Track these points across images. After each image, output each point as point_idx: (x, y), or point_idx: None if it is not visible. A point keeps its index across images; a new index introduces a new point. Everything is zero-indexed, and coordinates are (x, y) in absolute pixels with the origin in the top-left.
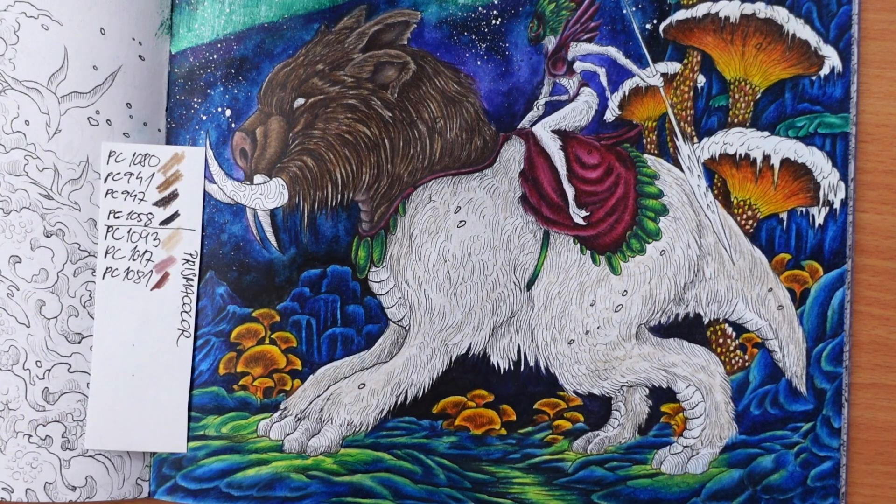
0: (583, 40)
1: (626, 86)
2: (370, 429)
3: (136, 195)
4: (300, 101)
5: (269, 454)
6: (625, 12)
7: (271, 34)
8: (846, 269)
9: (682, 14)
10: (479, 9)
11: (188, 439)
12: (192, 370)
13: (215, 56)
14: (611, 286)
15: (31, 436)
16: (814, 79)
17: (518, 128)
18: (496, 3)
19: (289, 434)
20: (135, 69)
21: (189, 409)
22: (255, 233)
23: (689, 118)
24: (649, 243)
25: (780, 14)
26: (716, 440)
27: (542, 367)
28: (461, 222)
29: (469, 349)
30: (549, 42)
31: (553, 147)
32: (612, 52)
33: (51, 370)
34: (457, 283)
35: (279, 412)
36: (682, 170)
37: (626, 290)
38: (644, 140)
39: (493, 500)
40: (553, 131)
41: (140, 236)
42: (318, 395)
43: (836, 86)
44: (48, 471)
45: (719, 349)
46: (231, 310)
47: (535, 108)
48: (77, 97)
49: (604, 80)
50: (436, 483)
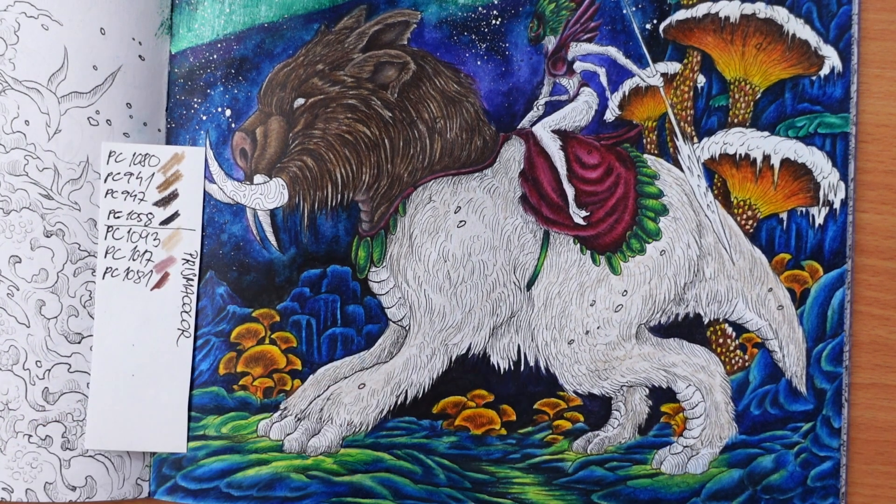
0: (583, 40)
1: (626, 86)
2: (370, 429)
3: (136, 195)
4: (300, 101)
5: (269, 454)
6: (625, 12)
7: (271, 34)
8: (846, 269)
9: (682, 14)
10: (479, 9)
11: (188, 439)
12: (192, 370)
13: (215, 56)
14: (611, 286)
15: (31, 436)
16: (814, 79)
17: (518, 128)
18: (496, 3)
19: (289, 434)
20: (135, 69)
21: (189, 409)
22: (255, 233)
23: (689, 118)
24: (649, 243)
25: (780, 14)
26: (716, 440)
27: (542, 367)
28: (461, 222)
29: (469, 349)
30: (549, 42)
31: (553, 147)
32: (612, 52)
33: (51, 370)
34: (457, 283)
35: (279, 412)
36: (682, 170)
37: (626, 290)
38: (644, 140)
39: (493, 500)
40: (553, 131)
41: (140, 236)
42: (318, 395)
43: (836, 86)
44: (48, 471)
45: (719, 349)
46: (231, 310)
47: (535, 108)
48: (77, 97)
49: (604, 80)
50: (436, 483)
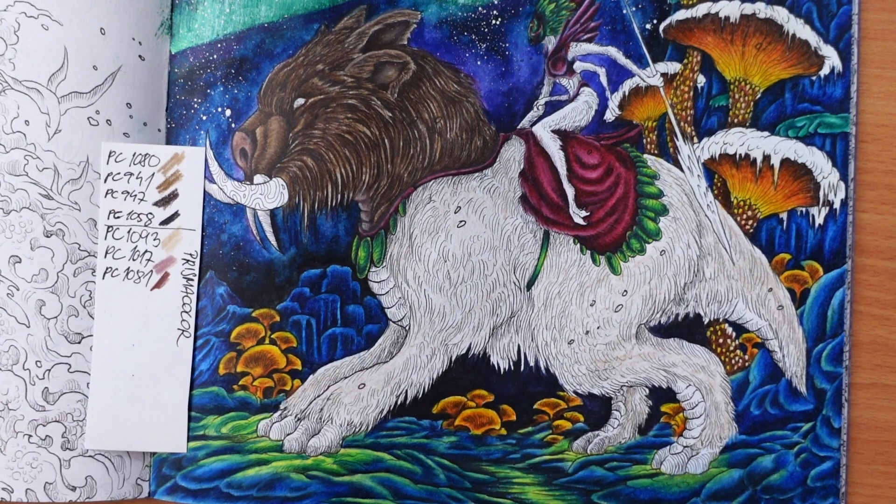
0: (583, 40)
1: (626, 86)
2: (370, 429)
3: (136, 195)
4: (300, 101)
5: (269, 454)
6: (625, 12)
7: (271, 34)
8: (846, 269)
9: (682, 14)
10: (479, 9)
11: (188, 439)
12: (192, 370)
13: (215, 56)
14: (611, 286)
15: (31, 436)
16: (814, 79)
17: (518, 128)
18: (496, 3)
19: (289, 434)
20: (135, 69)
21: (189, 409)
22: (255, 233)
23: (689, 118)
24: (649, 243)
25: (780, 14)
26: (716, 440)
27: (542, 367)
28: (461, 222)
29: (469, 349)
30: (549, 42)
31: (553, 147)
32: (612, 52)
33: (51, 370)
34: (457, 283)
35: (279, 412)
36: (682, 170)
37: (626, 290)
38: (644, 140)
39: (493, 500)
40: (553, 131)
41: (140, 236)
42: (318, 395)
43: (836, 86)
44: (48, 471)
45: (719, 349)
46: (231, 310)
47: (535, 108)
48: (77, 97)
49: (604, 80)
50: (436, 483)
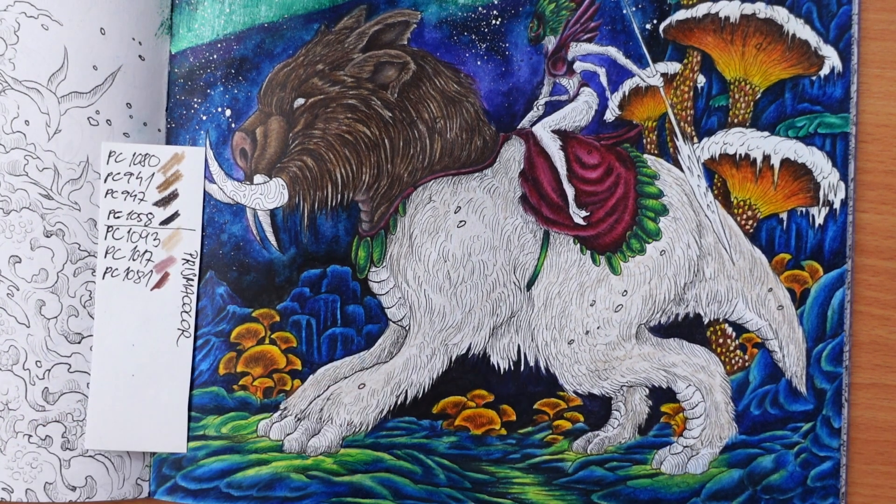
0: (583, 40)
1: (626, 86)
2: (370, 429)
3: (136, 195)
4: (300, 101)
5: (269, 454)
6: (625, 12)
7: (271, 34)
8: (846, 269)
9: (682, 14)
10: (479, 9)
11: (188, 439)
12: (192, 370)
13: (215, 56)
14: (611, 286)
15: (31, 436)
16: (814, 79)
17: (518, 128)
18: (496, 3)
19: (289, 434)
20: (135, 69)
21: (189, 409)
22: (255, 233)
23: (689, 118)
24: (649, 243)
25: (780, 14)
26: (716, 440)
27: (542, 367)
28: (461, 222)
29: (469, 349)
30: (549, 42)
31: (553, 147)
32: (612, 52)
33: (51, 370)
34: (457, 283)
35: (279, 412)
36: (682, 170)
37: (626, 290)
38: (644, 140)
39: (493, 500)
40: (553, 131)
41: (140, 236)
42: (318, 395)
43: (836, 86)
44: (48, 471)
45: (719, 349)
46: (231, 310)
47: (535, 108)
48: (77, 97)
49: (604, 80)
50: (436, 483)
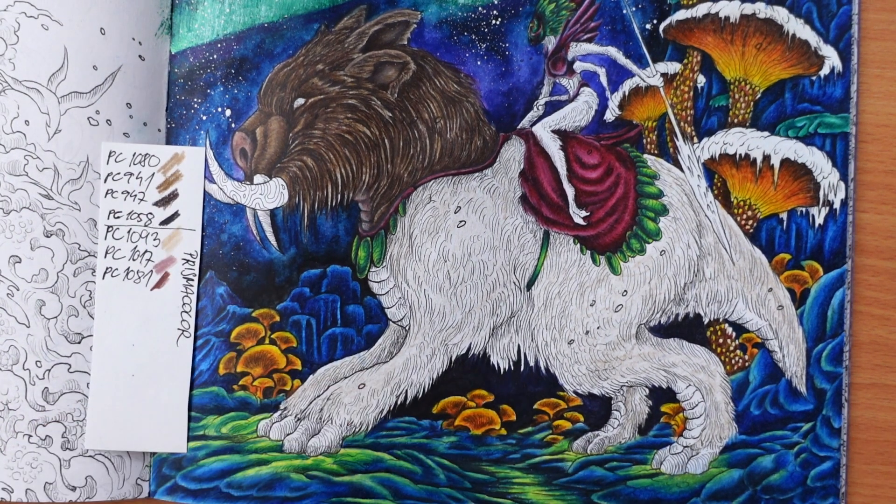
0: (583, 40)
1: (626, 86)
2: (370, 429)
3: (136, 195)
4: (300, 101)
5: (269, 454)
6: (625, 12)
7: (271, 34)
8: (846, 269)
9: (682, 14)
10: (479, 9)
11: (188, 439)
12: (192, 370)
13: (215, 56)
14: (611, 286)
15: (31, 436)
16: (814, 79)
17: (518, 128)
18: (496, 3)
19: (289, 434)
20: (135, 69)
21: (189, 409)
22: (255, 233)
23: (689, 118)
24: (649, 243)
25: (780, 14)
26: (716, 440)
27: (542, 367)
28: (461, 222)
29: (469, 349)
30: (549, 42)
31: (553, 147)
32: (612, 52)
33: (51, 370)
34: (457, 283)
35: (279, 412)
36: (682, 170)
37: (626, 290)
38: (644, 140)
39: (493, 500)
40: (553, 131)
41: (140, 236)
42: (318, 395)
43: (836, 86)
44: (48, 471)
45: (719, 349)
46: (231, 310)
47: (535, 108)
48: (77, 97)
49: (604, 80)
50: (436, 483)
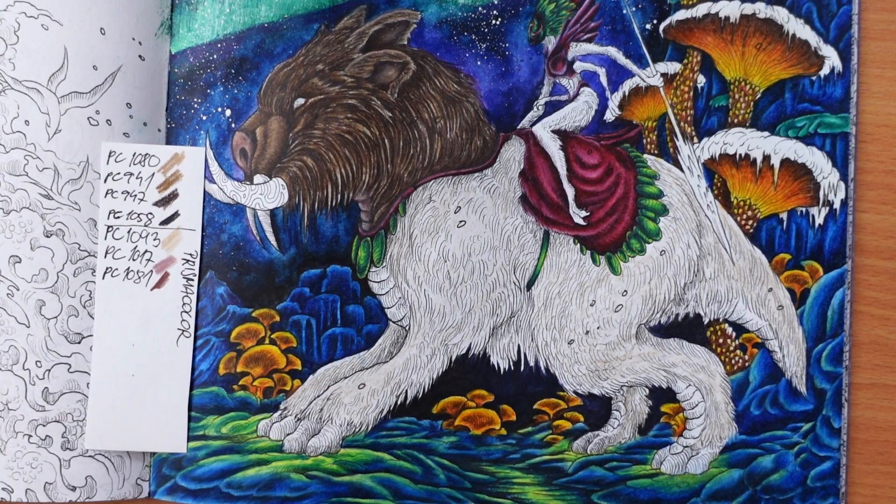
0: (583, 40)
1: (626, 86)
2: (370, 429)
3: (136, 195)
4: (300, 101)
5: (269, 454)
6: (625, 12)
7: (271, 34)
8: (846, 269)
9: (682, 14)
10: (479, 9)
11: (188, 439)
12: (192, 370)
13: (215, 56)
14: (611, 286)
15: (31, 436)
16: (814, 79)
17: (518, 128)
18: (496, 3)
19: (289, 434)
20: (135, 69)
21: (189, 409)
22: (255, 233)
23: (689, 118)
24: (649, 243)
25: (780, 14)
26: (716, 440)
27: (542, 367)
28: (461, 222)
29: (469, 349)
30: (549, 42)
31: (553, 147)
32: (612, 52)
33: (51, 370)
34: (457, 283)
35: (279, 412)
36: (682, 170)
37: (626, 291)
38: (644, 140)
39: (493, 500)
40: (553, 131)
41: (140, 236)
42: (318, 395)
43: (836, 86)
44: (48, 471)
45: (719, 349)
46: (231, 310)
47: (535, 108)
48: (77, 97)
49: (604, 80)
50: (436, 483)
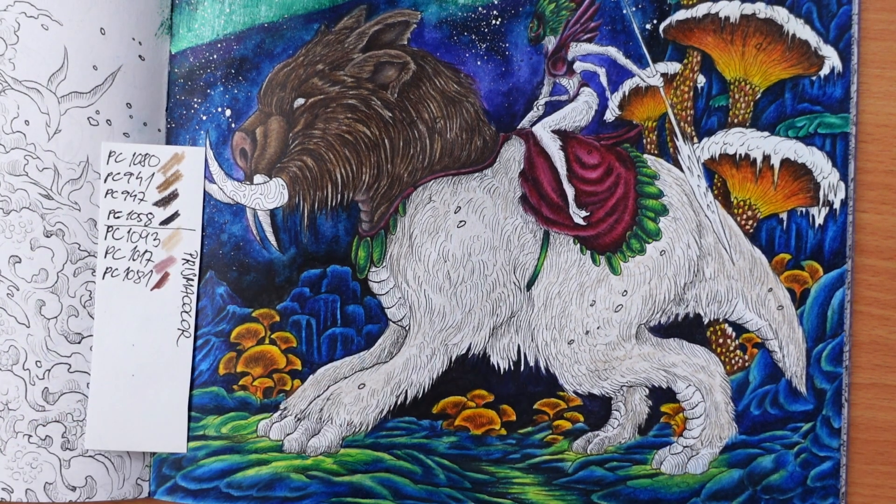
0: (583, 40)
1: (626, 86)
2: (370, 429)
3: (136, 195)
4: (300, 101)
5: (269, 454)
6: (625, 12)
7: (271, 34)
8: (846, 269)
9: (682, 14)
10: (479, 9)
11: (188, 439)
12: (192, 370)
13: (215, 56)
14: (611, 286)
15: (30, 436)
16: (814, 79)
17: (518, 128)
18: (496, 3)
19: (289, 434)
20: (135, 69)
21: (189, 409)
22: (255, 233)
23: (689, 118)
24: (649, 243)
25: (780, 14)
26: (716, 440)
27: (542, 367)
28: (461, 222)
29: (469, 349)
30: (549, 42)
31: (553, 147)
32: (612, 52)
33: (51, 370)
34: (457, 283)
35: (279, 412)
36: (682, 170)
37: (626, 291)
38: (644, 140)
39: (493, 500)
40: (553, 131)
41: (140, 236)
42: (318, 395)
43: (836, 86)
44: (48, 471)
45: (719, 349)
46: (231, 310)
47: (535, 108)
48: (77, 97)
49: (604, 80)
50: (436, 483)
